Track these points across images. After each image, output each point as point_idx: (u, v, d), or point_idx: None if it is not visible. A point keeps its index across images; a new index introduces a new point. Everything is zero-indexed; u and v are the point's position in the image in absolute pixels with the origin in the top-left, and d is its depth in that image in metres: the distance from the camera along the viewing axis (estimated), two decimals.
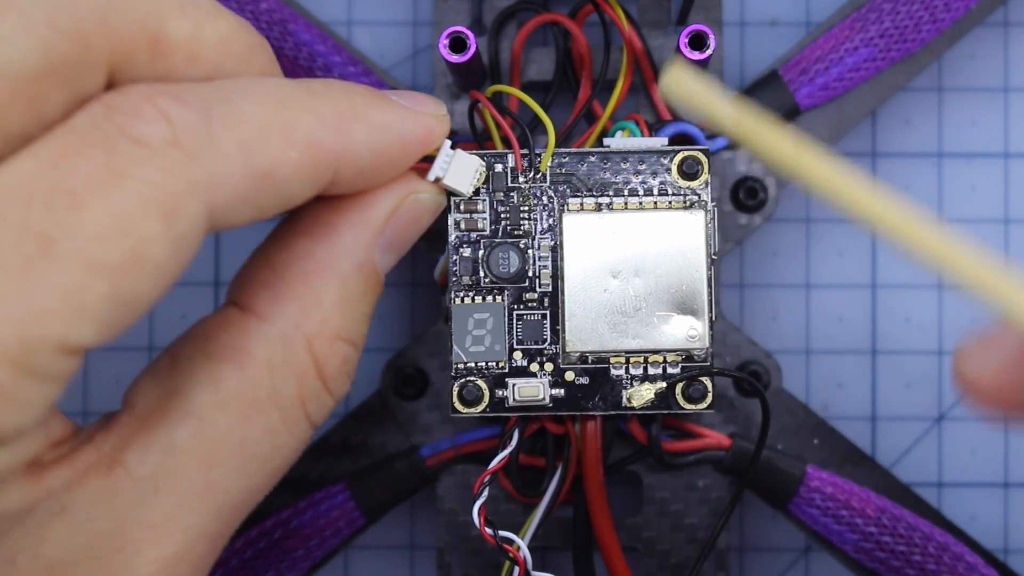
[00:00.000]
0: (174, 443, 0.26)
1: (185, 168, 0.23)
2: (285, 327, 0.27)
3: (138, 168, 0.23)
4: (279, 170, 0.25)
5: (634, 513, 0.37)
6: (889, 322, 0.40)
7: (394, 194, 0.28)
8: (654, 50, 0.37)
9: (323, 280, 0.27)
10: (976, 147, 0.40)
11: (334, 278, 0.27)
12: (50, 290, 0.22)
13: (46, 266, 0.22)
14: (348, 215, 0.27)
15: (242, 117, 0.24)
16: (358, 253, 0.28)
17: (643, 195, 0.32)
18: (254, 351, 0.26)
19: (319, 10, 0.39)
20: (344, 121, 0.26)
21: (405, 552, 0.40)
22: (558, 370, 0.32)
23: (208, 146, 0.24)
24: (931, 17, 0.36)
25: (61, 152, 0.22)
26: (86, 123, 0.23)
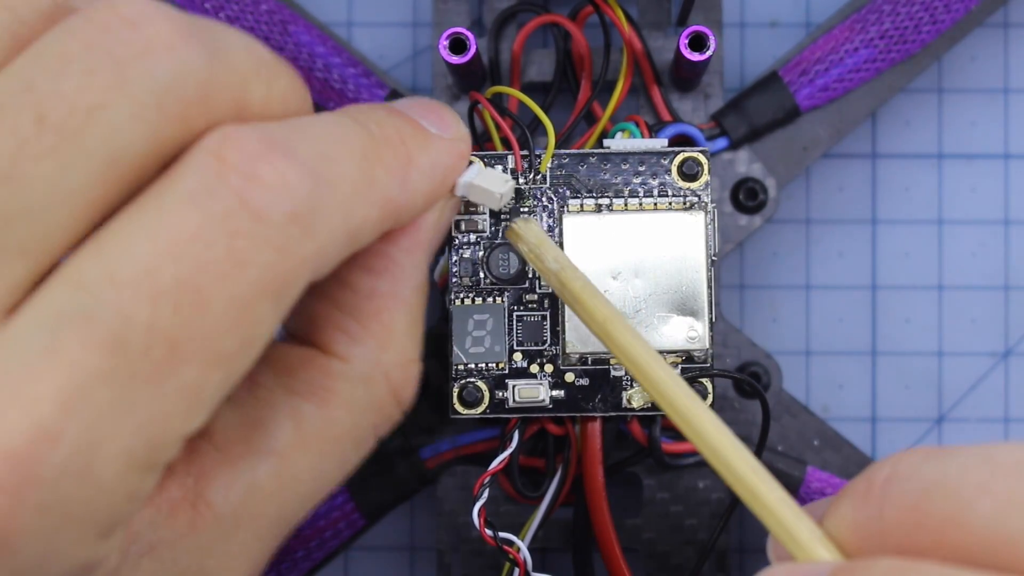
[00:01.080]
0: (256, 481, 0.26)
1: (299, 244, 0.23)
2: (366, 367, 0.27)
3: (259, 253, 0.22)
4: (363, 230, 0.25)
5: (634, 514, 0.37)
6: (889, 323, 0.40)
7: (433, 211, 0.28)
8: (654, 51, 0.37)
9: (393, 313, 0.27)
10: (976, 148, 0.40)
11: (401, 307, 0.27)
12: (174, 392, 0.22)
13: (172, 370, 0.21)
14: (401, 242, 0.28)
15: (340, 179, 0.24)
16: (416, 276, 0.28)
17: (643, 196, 0.32)
18: (337, 390, 0.27)
19: (319, 11, 0.39)
20: (405, 171, 0.26)
21: (405, 553, 0.40)
22: (558, 371, 0.32)
23: (319, 221, 0.23)
24: (931, 18, 0.36)
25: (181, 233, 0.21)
26: (199, 187, 0.22)
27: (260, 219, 0.22)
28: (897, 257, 0.40)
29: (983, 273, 0.40)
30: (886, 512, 0.23)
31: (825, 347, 0.40)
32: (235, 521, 0.25)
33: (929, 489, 0.22)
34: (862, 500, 0.23)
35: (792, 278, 0.40)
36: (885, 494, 0.23)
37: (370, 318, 0.27)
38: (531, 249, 0.29)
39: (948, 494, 0.22)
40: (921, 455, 0.23)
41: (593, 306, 0.27)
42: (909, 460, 0.23)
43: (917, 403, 0.40)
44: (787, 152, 0.38)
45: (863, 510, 0.23)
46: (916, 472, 0.23)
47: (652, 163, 0.33)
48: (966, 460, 0.22)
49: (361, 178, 0.25)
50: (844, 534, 0.23)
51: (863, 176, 0.40)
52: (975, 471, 0.22)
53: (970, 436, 0.40)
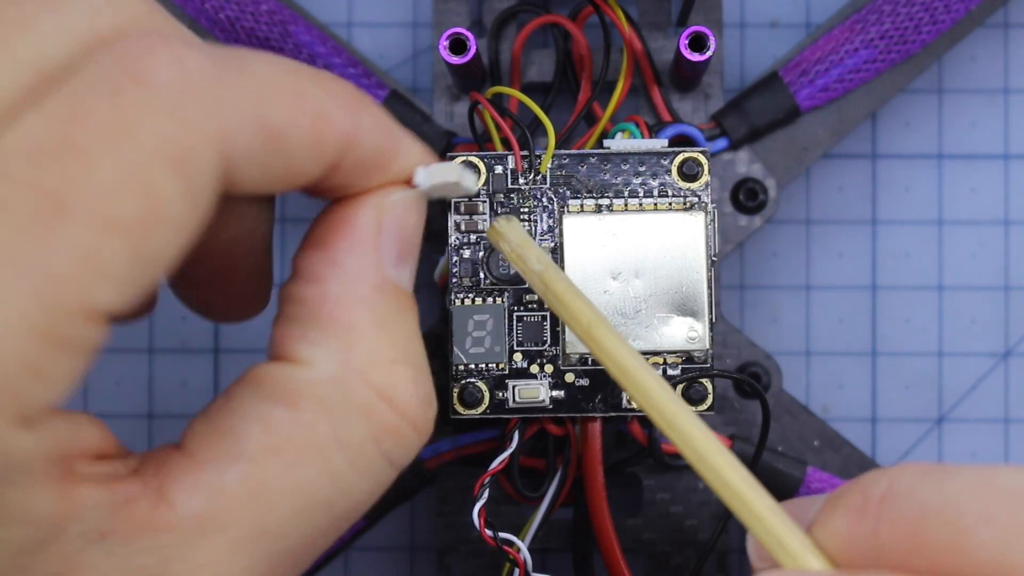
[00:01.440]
0: (224, 485, 0.24)
1: (197, 114, 0.22)
2: (332, 367, 0.25)
3: (148, 117, 0.22)
4: (290, 134, 0.24)
5: (634, 515, 0.37)
6: (889, 323, 0.40)
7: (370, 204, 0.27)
8: (654, 51, 0.37)
9: (350, 312, 0.26)
10: (976, 149, 0.40)
11: (359, 306, 0.26)
12: (67, 253, 0.21)
13: (61, 227, 0.21)
14: (338, 244, 0.26)
15: (255, 73, 0.24)
16: (368, 275, 0.26)
17: (643, 196, 0.32)
18: (305, 393, 0.25)
19: (319, 11, 0.39)
20: (354, 106, 0.26)
21: (405, 553, 0.40)
22: (558, 372, 0.32)
23: (222, 94, 0.23)
24: (931, 19, 0.36)
25: (68, 105, 0.22)
26: (95, 71, 0.22)
27: (148, 88, 0.22)
28: (897, 257, 0.40)
29: (983, 273, 0.40)
30: (882, 531, 0.22)
31: (825, 347, 0.40)
32: (199, 525, 0.24)
33: (928, 512, 0.22)
34: (857, 515, 0.23)
35: (792, 278, 0.40)
36: (881, 512, 0.22)
37: (327, 321, 0.26)
38: (513, 249, 0.28)
39: (948, 519, 0.22)
40: (919, 472, 0.23)
41: (577, 308, 0.26)
42: (906, 477, 0.23)
43: (917, 403, 0.40)
44: (787, 152, 0.38)
45: (858, 526, 0.23)
46: (914, 492, 0.22)
47: (652, 163, 0.33)
48: (966, 484, 0.22)
49: (285, 82, 0.24)
50: (835, 546, 0.23)
51: (863, 176, 0.40)
52: (976, 497, 0.22)
53: (970, 436, 0.40)
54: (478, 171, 0.32)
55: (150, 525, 0.24)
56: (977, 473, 0.22)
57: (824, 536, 0.23)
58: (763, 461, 0.36)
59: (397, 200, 0.27)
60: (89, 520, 0.23)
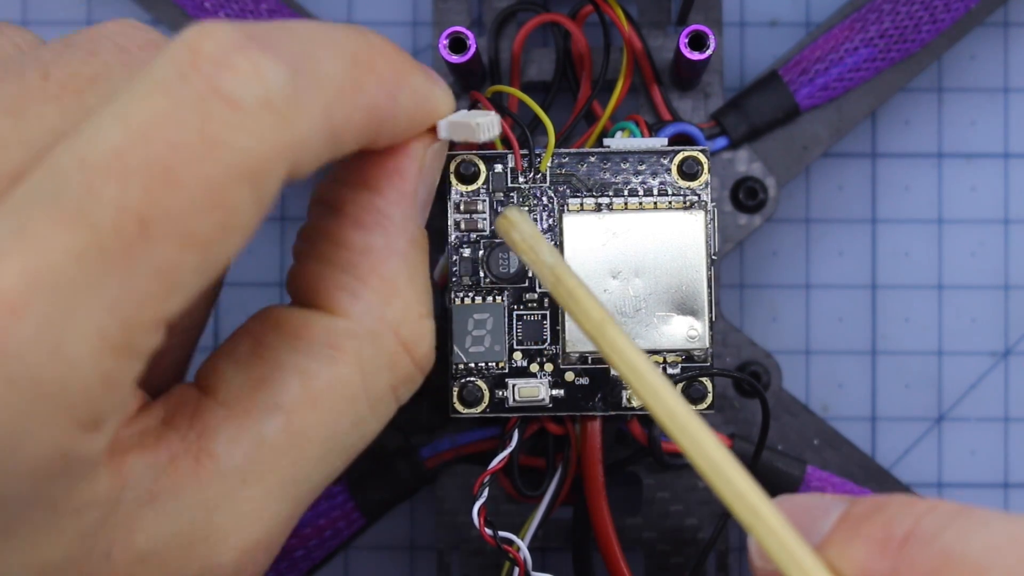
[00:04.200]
0: (263, 436, 0.25)
1: (275, 132, 0.23)
2: (371, 322, 0.27)
3: (231, 135, 0.22)
4: (345, 132, 0.25)
5: (634, 514, 0.37)
6: (889, 322, 0.40)
7: (414, 155, 0.28)
8: (654, 50, 0.37)
9: (390, 266, 0.27)
10: (976, 147, 0.40)
11: (398, 260, 0.27)
12: (147, 272, 0.21)
13: (143, 248, 0.21)
14: (388, 194, 0.27)
15: (325, 78, 0.24)
16: (408, 227, 0.28)
17: (643, 195, 0.32)
18: (344, 347, 0.26)
19: (319, 10, 0.39)
20: (396, 86, 0.26)
21: (405, 552, 0.40)
22: (558, 370, 0.32)
23: (296, 108, 0.23)
24: (931, 17, 0.36)
25: (152, 119, 0.22)
26: (172, 75, 0.22)
27: (232, 105, 0.22)
28: (897, 257, 0.40)
29: (983, 273, 0.40)
30: (902, 572, 0.22)
31: (825, 347, 0.40)
32: (242, 476, 0.25)
33: (951, 560, 0.22)
34: (878, 551, 0.23)
35: (792, 277, 0.40)
36: (903, 553, 0.22)
37: (368, 273, 0.27)
38: (525, 239, 0.28)
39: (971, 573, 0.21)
40: (946, 516, 0.22)
41: (589, 305, 0.26)
42: (932, 519, 0.22)
43: (917, 402, 0.40)
44: (787, 151, 0.38)
45: (877, 561, 0.22)
46: (939, 537, 0.22)
47: (652, 162, 0.32)
48: (994, 538, 0.22)
49: (348, 80, 0.25)
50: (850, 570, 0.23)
51: (863, 175, 0.40)
52: (1003, 555, 0.21)
53: (970, 435, 0.40)
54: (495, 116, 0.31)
55: (196, 479, 0.25)
56: (1007, 526, 0.22)
57: (841, 561, 0.23)
58: (763, 460, 0.36)
59: (434, 150, 0.28)
60: (140, 485, 0.24)
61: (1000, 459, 0.40)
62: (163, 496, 0.24)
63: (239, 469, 0.25)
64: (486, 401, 0.32)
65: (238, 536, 0.25)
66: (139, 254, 0.21)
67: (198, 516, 0.25)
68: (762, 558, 0.24)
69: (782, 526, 0.23)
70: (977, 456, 0.40)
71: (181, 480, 0.24)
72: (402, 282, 0.27)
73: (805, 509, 0.24)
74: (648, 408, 0.25)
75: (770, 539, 0.23)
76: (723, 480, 0.24)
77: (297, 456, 0.26)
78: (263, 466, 0.25)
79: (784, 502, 0.24)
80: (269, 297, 0.29)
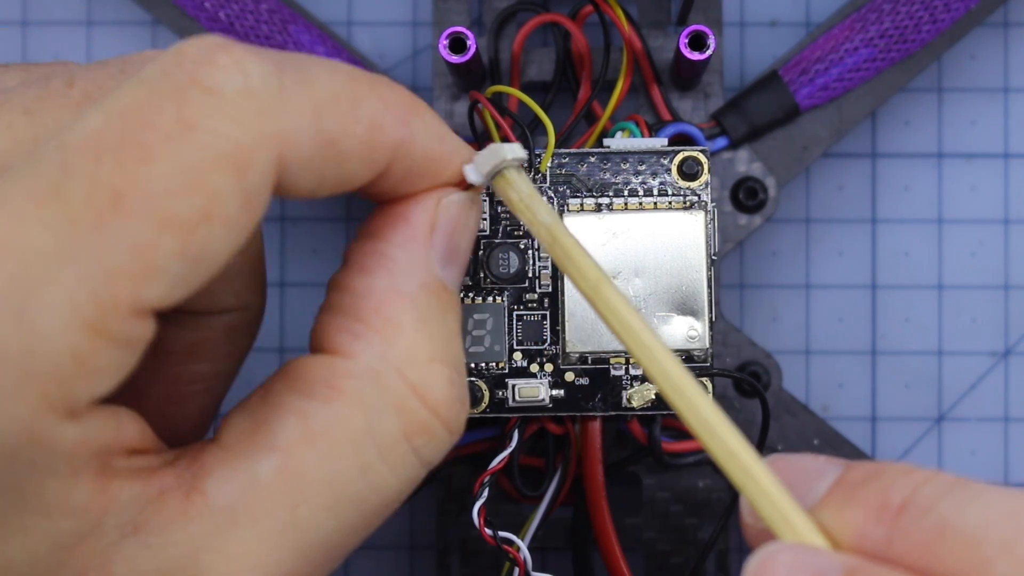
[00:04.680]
0: (257, 476, 0.24)
1: (257, 120, 0.23)
2: (371, 360, 0.26)
3: (209, 119, 0.22)
4: (344, 141, 0.25)
5: (634, 513, 0.37)
6: (889, 322, 0.40)
7: (425, 203, 0.27)
8: (654, 50, 0.37)
9: (394, 307, 0.26)
10: (976, 147, 0.40)
11: (404, 302, 0.26)
12: (121, 248, 0.21)
13: (117, 222, 0.21)
14: (392, 238, 0.27)
15: (315, 81, 0.24)
16: (417, 271, 0.27)
17: (643, 195, 0.32)
18: (343, 387, 0.25)
19: (319, 10, 0.39)
20: (406, 114, 0.26)
21: (405, 552, 0.40)
22: (558, 371, 0.32)
23: (281, 101, 0.23)
24: (931, 17, 0.36)
25: (130, 105, 0.22)
26: (156, 73, 0.23)
27: (210, 92, 0.22)
28: (897, 257, 0.40)
29: (983, 273, 0.40)
30: (897, 541, 0.22)
31: (825, 347, 0.40)
32: (232, 515, 0.24)
33: (946, 531, 0.22)
34: (874, 518, 0.22)
35: (792, 278, 0.40)
36: (898, 522, 0.22)
37: (371, 314, 0.26)
38: (522, 199, 0.27)
39: (966, 544, 0.21)
40: (943, 486, 0.22)
41: (585, 264, 0.26)
42: (929, 490, 0.22)
43: (917, 402, 0.40)
44: (787, 151, 0.38)
45: (872, 528, 0.22)
46: (935, 507, 0.22)
47: (652, 162, 0.33)
48: (991, 509, 0.22)
49: (344, 90, 0.25)
50: (845, 537, 0.23)
51: (863, 175, 0.40)
52: (1000, 526, 0.21)
53: (970, 435, 0.40)
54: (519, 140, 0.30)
55: (183, 515, 0.24)
56: (1004, 499, 0.22)
57: (835, 525, 0.23)
58: None
59: (452, 201, 0.27)
60: (124, 513, 0.23)
61: (1000, 459, 0.40)
62: (147, 529, 0.24)
63: (230, 508, 0.24)
64: (486, 401, 0.32)
65: None
66: (113, 229, 0.21)
67: (184, 553, 0.24)
68: (753, 516, 0.24)
69: (774, 486, 0.23)
70: (977, 456, 0.40)
71: (168, 515, 0.24)
72: (408, 325, 0.26)
73: (799, 469, 0.24)
74: (642, 367, 0.25)
75: (761, 498, 0.23)
76: (715, 438, 0.23)
77: (296, 499, 0.25)
78: (257, 507, 0.24)
79: (777, 461, 0.24)
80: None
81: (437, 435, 0.26)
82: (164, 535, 0.24)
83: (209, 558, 0.24)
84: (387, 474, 0.26)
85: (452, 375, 0.26)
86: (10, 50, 0.41)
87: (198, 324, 0.28)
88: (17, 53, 0.41)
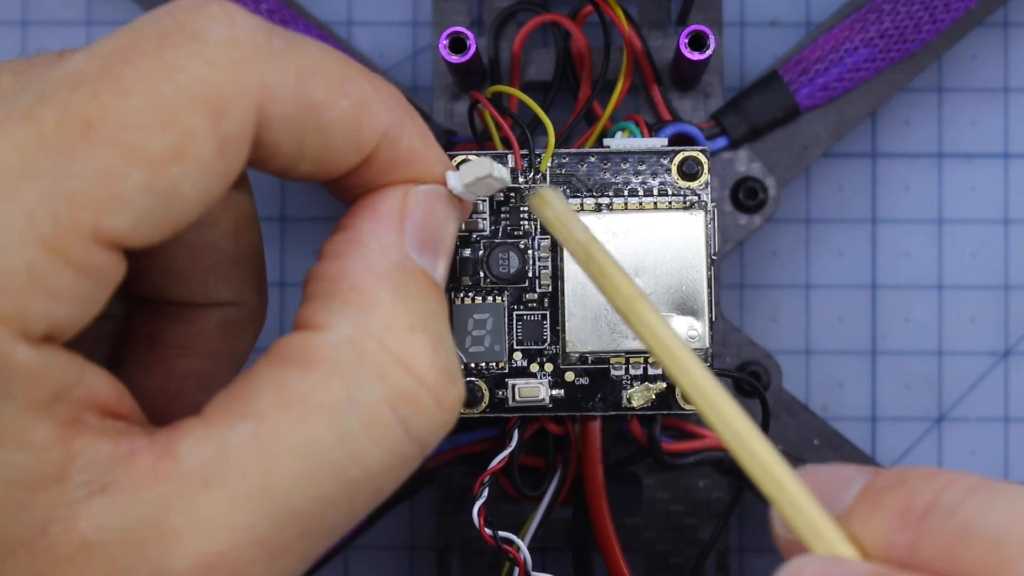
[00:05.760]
0: (230, 440, 0.24)
1: (238, 68, 0.23)
2: (347, 329, 0.25)
3: (189, 61, 0.22)
4: (328, 112, 0.24)
5: (634, 514, 0.37)
6: (889, 322, 0.40)
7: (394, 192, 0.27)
8: (654, 50, 0.37)
9: (369, 284, 0.26)
10: (976, 147, 0.40)
11: (380, 279, 0.26)
12: (86, 172, 0.22)
13: (83, 147, 0.22)
14: (361, 226, 0.27)
15: (305, 50, 0.24)
16: (389, 253, 0.26)
17: (643, 195, 0.32)
18: (320, 355, 0.25)
19: (319, 10, 0.39)
20: (397, 104, 0.26)
21: (405, 552, 0.40)
22: (558, 370, 0.32)
23: (266, 55, 0.23)
24: (931, 17, 0.36)
25: (115, 46, 0.23)
26: (146, 19, 0.23)
27: (195, 37, 0.23)
28: (897, 257, 0.40)
29: (983, 272, 0.40)
30: (922, 545, 0.22)
31: (825, 347, 0.40)
32: (202, 478, 0.24)
33: (970, 533, 0.22)
34: (899, 523, 0.23)
35: (792, 278, 0.40)
36: (923, 526, 0.22)
37: (348, 290, 0.26)
38: (558, 217, 0.27)
39: (989, 545, 0.21)
40: (966, 488, 0.22)
41: (620, 282, 0.26)
42: (953, 493, 0.22)
43: (917, 402, 0.40)
44: (787, 151, 0.38)
45: (898, 533, 0.23)
46: (959, 509, 0.22)
47: (652, 162, 0.33)
48: (1012, 510, 0.22)
49: (333, 66, 0.25)
50: (872, 544, 0.23)
51: (863, 175, 0.40)
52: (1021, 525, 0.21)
53: (970, 435, 0.40)
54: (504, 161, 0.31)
55: (152, 475, 0.24)
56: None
57: (862, 532, 0.23)
58: None
59: (423, 190, 0.27)
60: (92, 470, 0.23)
61: (1000, 459, 0.40)
62: (116, 487, 0.23)
63: (200, 470, 0.24)
64: (486, 401, 0.32)
65: (194, 543, 0.24)
66: (79, 154, 0.22)
67: (152, 514, 0.23)
68: (783, 527, 0.24)
69: (804, 497, 0.23)
70: (977, 456, 0.40)
71: (137, 475, 0.23)
72: (385, 297, 0.26)
73: (828, 480, 0.24)
74: (676, 382, 0.25)
75: (791, 510, 0.23)
76: (747, 452, 0.24)
77: (269, 464, 0.24)
78: (228, 471, 0.24)
79: (807, 473, 0.24)
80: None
81: (425, 406, 0.25)
82: (132, 494, 0.23)
83: (177, 519, 0.24)
84: (369, 444, 0.25)
85: (435, 345, 0.26)
86: (10, 50, 0.41)
87: (192, 316, 0.27)
88: (17, 53, 0.41)
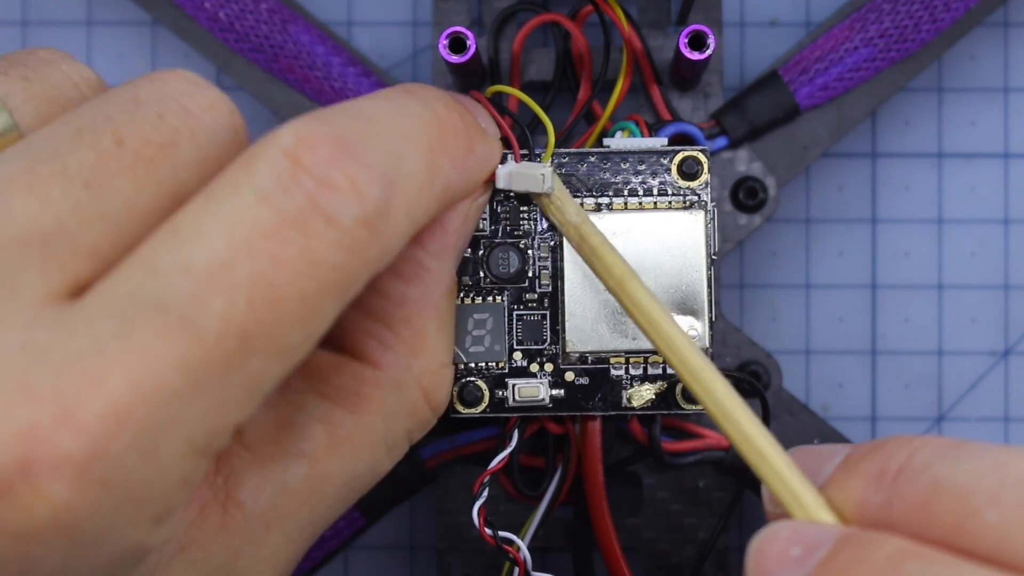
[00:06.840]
0: (287, 484, 0.26)
1: (367, 247, 0.23)
2: (398, 372, 0.28)
3: (331, 254, 0.23)
4: (423, 223, 0.26)
5: (634, 513, 0.37)
6: (889, 322, 0.40)
7: (459, 209, 0.29)
8: (654, 50, 0.37)
9: (423, 319, 0.28)
10: (976, 147, 0.40)
11: (431, 313, 0.28)
12: (240, 382, 0.22)
13: (241, 360, 0.22)
14: (430, 246, 0.28)
15: (408, 179, 0.25)
16: (445, 279, 0.29)
17: (643, 195, 0.32)
18: (370, 396, 0.27)
19: (319, 10, 0.39)
20: (465, 160, 0.27)
21: (405, 552, 0.40)
22: (558, 370, 0.32)
23: (387, 221, 0.24)
24: (931, 17, 0.36)
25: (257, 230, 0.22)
26: (274, 187, 0.23)
27: (332, 223, 0.23)
28: (897, 256, 0.40)
29: (983, 272, 0.40)
30: (895, 504, 0.23)
31: (825, 346, 0.40)
32: (265, 523, 0.26)
33: (939, 489, 0.22)
34: (873, 484, 0.23)
35: (792, 277, 0.40)
36: (895, 485, 0.23)
37: (401, 324, 0.28)
38: (552, 199, 0.29)
39: (957, 498, 0.22)
40: (936, 449, 0.23)
41: (611, 261, 0.27)
42: (925, 452, 0.23)
43: (917, 402, 0.40)
44: (787, 151, 0.38)
45: (872, 494, 0.23)
46: (930, 467, 0.23)
47: (652, 162, 0.32)
48: (980, 465, 0.22)
49: (427, 173, 0.26)
50: (849, 508, 0.24)
51: (863, 175, 0.40)
52: (987, 480, 0.22)
53: (970, 435, 0.40)
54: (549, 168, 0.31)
55: (223, 529, 0.25)
56: (992, 455, 0.23)
57: (838, 496, 0.24)
58: None
59: (478, 205, 0.30)
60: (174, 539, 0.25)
61: None
62: (192, 546, 0.25)
63: (263, 516, 0.26)
64: (486, 401, 0.32)
65: None
66: (237, 367, 0.22)
67: (224, 563, 0.25)
68: (772, 503, 0.25)
69: (786, 467, 0.24)
70: None
71: (209, 530, 0.25)
72: (431, 335, 0.28)
73: (814, 455, 0.25)
74: (665, 359, 0.26)
75: (775, 480, 0.24)
76: (733, 425, 0.25)
77: (317, 501, 0.27)
78: (285, 512, 0.26)
79: (797, 451, 0.25)
80: None
81: (430, 426, 0.29)
82: (207, 549, 0.25)
83: (244, 563, 0.26)
84: (388, 464, 0.28)
85: (452, 374, 0.29)
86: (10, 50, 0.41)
87: None
88: None
